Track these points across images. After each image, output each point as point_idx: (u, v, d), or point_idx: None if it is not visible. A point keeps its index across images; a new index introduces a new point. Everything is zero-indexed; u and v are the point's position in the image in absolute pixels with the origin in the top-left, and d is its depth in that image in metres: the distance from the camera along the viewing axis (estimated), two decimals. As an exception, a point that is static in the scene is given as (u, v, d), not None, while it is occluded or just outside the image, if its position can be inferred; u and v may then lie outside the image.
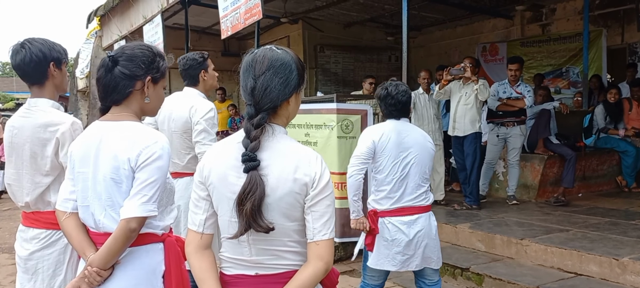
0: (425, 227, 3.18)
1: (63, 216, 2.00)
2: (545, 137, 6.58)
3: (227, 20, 7.41)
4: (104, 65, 1.96)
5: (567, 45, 9.92)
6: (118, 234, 1.86)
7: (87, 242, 1.96)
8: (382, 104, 3.30)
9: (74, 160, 1.99)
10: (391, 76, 3.83)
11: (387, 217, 3.18)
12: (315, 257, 1.64)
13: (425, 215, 3.21)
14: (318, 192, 1.64)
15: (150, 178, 1.88)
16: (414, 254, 3.16)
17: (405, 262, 3.17)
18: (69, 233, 2.00)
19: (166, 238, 2.02)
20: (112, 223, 1.91)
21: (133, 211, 1.85)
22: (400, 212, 3.16)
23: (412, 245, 3.15)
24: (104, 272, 1.89)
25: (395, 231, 3.15)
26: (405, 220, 3.15)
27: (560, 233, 4.96)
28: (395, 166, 3.15)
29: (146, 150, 1.89)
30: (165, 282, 1.99)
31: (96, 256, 1.89)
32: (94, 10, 12.71)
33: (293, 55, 1.73)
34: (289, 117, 1.76)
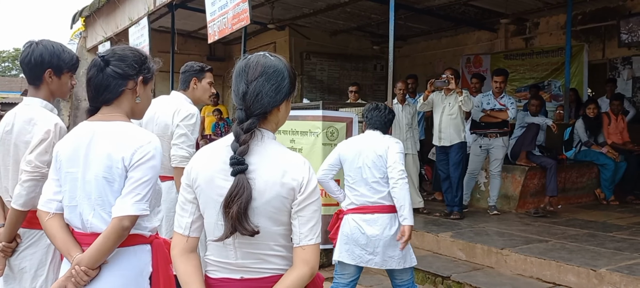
0: (383, 227, 3.41)
1: (46, 216, 1.99)
2: (530, 150, 6.68)
3: (215, 24, 7.41)
4: (95, 65, 1.97)
5: (549, 59, 10.08)
6: (110, 232, 1.86)
7: (72, 242, 1.95)
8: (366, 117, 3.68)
9: (60, 160, 1.99)
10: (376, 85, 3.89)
11: (350, 213, 3.50)
12: (301, 261, 1.66)
13: (385, 215, 3.43)
14: (305, 197, 1.67)
15: (144, 178, 1.89)
16: (373, 251, 3.40)
17: (364, 257, 3.42)
18: (53, 233, 1.98)
19: (154, 240, 2.03)
20: (100, 223, 1.91)
21: (126, 209, 1.85)
22: (361, 209, 3.47)
23: (371, 243, 3.40)
24: (92, 272, 1.89)
25: (355, 227, 3.44)
26: (365, 218, 3.44)
27: (539, 244, 5.04)
28: (354, 170, 3.51)
29: (140, 149, 1.91)
30: (152, 283, 1.99)
31: (85, 255, 1.88)
32: (79, 11, 12.61)
33: (286, 63, 1.75)
34: (278, 123, 1.79)
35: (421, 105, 6.31)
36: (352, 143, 3.67)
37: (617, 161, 7.23)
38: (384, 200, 3.44)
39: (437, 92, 6.13)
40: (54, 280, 2.40)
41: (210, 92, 3.61)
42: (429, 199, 7.48)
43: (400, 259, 3.45)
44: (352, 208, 3.51)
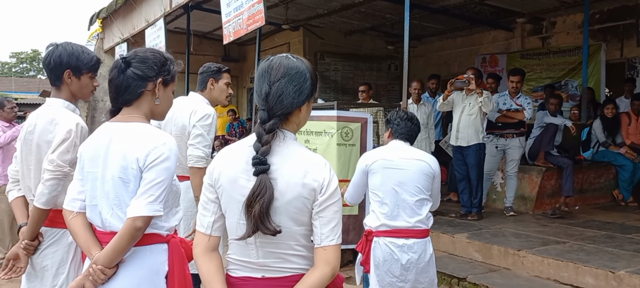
0: (418, 253, 3.10)
1: (70, 215, 2.03)
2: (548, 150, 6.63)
3: (230, 25, 7.45)
4: (116, 66, 2.01)
5: (566, 59, 9.98)
6: (124, 232, 1.89)
7: (93, 240, 1.99)
8: (391, 124, 3.33)
9: (83, 160, 2.03)
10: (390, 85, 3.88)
11: (382, 237, 3.12)
12: (322, 261, 1.67)
13: (421, 240, 3.12)
14: (326, 197, 1.68)
15: (157, 179, 1.91)
16: (404, 279, 3.08)
17: (395, 284, 3.09)
18: (76, 232, 2.02)
19: (170, 240, 2.05)
20: (118, 223, 1.94)
21: (139, 210, 1.88)
22: (394, 233, 3.10)
23: (403, 271, 3.07)
24: (108, 270, 1.92)
25: (389, 253, 3.08)
26: (399, 243, 3.08)
27: (557, 245, 5.00)
28: (386, 186, 3.13)
29: (154, 150, 1.93)
30: (168, 282, 2.01)
31: (101, 254, 1.92)
32: (96, 13, 12.74)
33: (307, 65, 1.77)
34: (299, 124, 1.80)
35: (441, 105, 6.28)
36: (383, 154, 3.24)
37: (635, 162, 7.15)
38: (420, 224, 3.12)
39: (457, 91, 6.09)
40: (75, 277, 2.44)
41: (227, 93, 3.63)
42: (444, 200, 7.45)
43: (429, 285, 3.18)
44: (384, 230, 3.11)
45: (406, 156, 3.19)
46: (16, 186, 2.60)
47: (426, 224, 3.17)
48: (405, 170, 3.14)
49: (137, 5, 10.69)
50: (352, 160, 5.49)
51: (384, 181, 3.14)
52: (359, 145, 5.57)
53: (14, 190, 2.60)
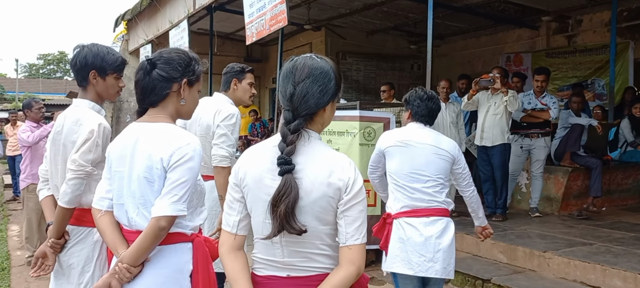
0: (441, 231, 3.07)
1: (98, 214, 2.07)
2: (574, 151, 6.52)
3: (253, 26, 7.50)
4: (142, 68, 2.03)
5: (592, 57, 9.81)
6: (148, 232, 1.91)
7: (120, 239, 2.02)
8: (410, 105, 3.26)
9: (111, 160, 2.06)
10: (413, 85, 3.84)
11: (402, 218, 3.10)
12: (347, 261, 1.67)
13: (442, 218, 3.10)
14: (351, 197, 1.68)
15: (181, 179, 1.93)
16: (432, 258, 3.02)
17: (423, 265, 3.02)
18: (103, 230, 2.06)
19: (195, 239, 2.06)
20: (143, 222, 1.97)
21: (163, 210, 1.90)
22: (414, 213, 3.09)
23: (430, 247, 3.02)
24: (134, 269, 1.94)
25: (411, 230, 3.05)
26: (420, 221, 3.06)
27: (583, 247, 4.92)
28: (405, 167, 3.11)
29: (178, 151, 1.94)
30: (192, 281, 2.03)
31: (127, 253, 1.94)
32: (122, 14, 12.94)
33: (332, 65, 1.77)
34: (324, 124, 1.80)
35: (465, 104, 6.20)
36: (400, 136, 3.20)
37: (665, 162, 7.00)
38: (441, 204, 3.10)
39: (482, 91, 6.03)
40: (100, 276, 2.48)
41: (250, 93, 3.64)
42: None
43: (453, 269, 3.17)
44: (404, 211, 3.10)
45: (424, 140, 3.15)
46: (46, 185, 2.66)
47: (446, 205, 3.14)
48: (422, 155, 3.11)
49: (162, 6, 10.83)
50: (374, 160, 5.48)
51: (401, 166, 3.13)
52: (381, 145, 5.55)
53: (44, 189, 2.66)
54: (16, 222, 8.46)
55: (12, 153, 10.79)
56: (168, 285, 1.99)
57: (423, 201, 3.09)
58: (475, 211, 3.37)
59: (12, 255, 6.20)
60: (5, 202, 10.77)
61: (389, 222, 3.17)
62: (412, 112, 3.24)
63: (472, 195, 3.30)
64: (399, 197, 3.14)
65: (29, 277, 5.26)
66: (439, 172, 3.12)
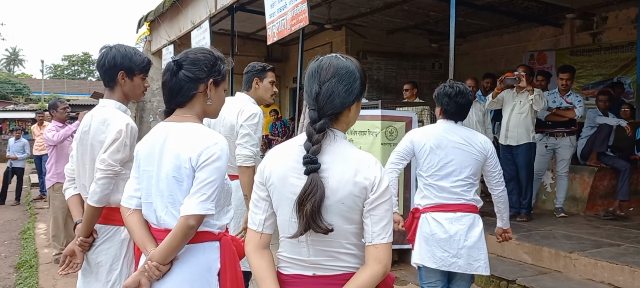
0: (468, 227, 3.08)
1: (127, 212, 2.09)
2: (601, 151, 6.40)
3: (274, 26, 7.52)
4: (169, 69, 2.05)
5: (618, 55, 9.61)
6: (177, 231, 1.92)
7: (149, 237, 2.04)
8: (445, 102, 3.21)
9: (139, 159, 2.08)
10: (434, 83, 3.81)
11: (428, 212, 3.14)
12: (373, 260, 1.67)
13: (470, 215, 3.11)
14: (378, 196, 1.67)
15: (209, 178, 1.94)
16: (456, 254, 3.06)
17: (447, 260, 3.07)
18: (132, 228, 2.08)
19: (222, 237, 2.08)
20: (172, 220, 1.98)
21: (192, 209, 1.91)
22: (441, 208, 3.11)
23: (453, 243, 3.05)
24: (163, 267, 1.96)
25: (435, 225, 3.09)
26: (447, 216, 3.08)
27: (610, 248, 4.83)
28: (435, 166, 3.13)
29: (206, 150, 1.95)
30: (220, 279, 2.04)
31: (156, 251, 1.96)
32: (144, 16, 13.10)
33: (357, 64, 1.77)
34: (349, 123, 1.80)
35: (490, 102, 6.13)
36: (431, 133, 3.21)
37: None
38: (469, 201, 3.12)
39: (508, 89, 5.95)
40: (128, 274, 2.52)
41: (272, 91, 3.65)
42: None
43: (486, 265, 3.14)
44: (431, 206, 3.14)
45: (455, 138, 3.13)
46: (72, 184, 2.69)
47: (475, 202, 3.14)
48: (452, 153, 3.11)
49: (183, 8, 10.93)
50: (396, 160, 5.45)
51: (430, 163, 3.14)
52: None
53: (70, 188, 2.70)
54: (43, 220, 8.63)
55: (39, 152, 11.00)
56: (196, 283, 2.00)
57: (451, 199, 3.11)
58: (501, 212, 3.34)
59: (39, 253, 6.32)
60: (32, 200, 10.99)
61: (417, 216, 3.20)
62: (442, 109, 3.23)
63: (502, 194, 3.26)
64: (426, 193, 3.17)
65: (56, 274, 5.35)
66: (468, 170, 3.12)
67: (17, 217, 9.42)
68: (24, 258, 6.07)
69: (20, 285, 5.10)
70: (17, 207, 10.58)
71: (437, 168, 3.12)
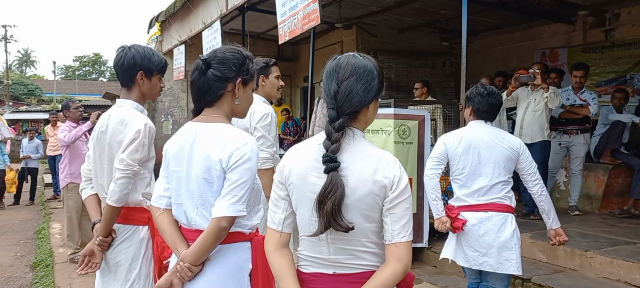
0: (497, 226, 3.12)
1: (157, 212, 2.08)
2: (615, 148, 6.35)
3: (285, 25, 7.53)
4: (197, 68, 2.03)
5: (631, 52, 9.52)
6: (209, 232, 1.92)
7: (179, 237, 2.03)
8: (471, 102, 3.30)
9: (168, 159, 2.07)
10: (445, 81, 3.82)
11: (461, 212, 3.22)
12: (394, 258, 1.67)
13: (502, 214, 3.15)
14: (397, 194, 1.67)
15: (240, 180, 1.93)
16: (486, 253, 3.11)
17: (477, 259, 3.15)
18: (163, 228, 2.08)
19: (253, 238, 2.07)
20: (203, 221, 1.98)
21: (224, 211, 1.91)
22: (473, 207, 3.18)
23: (482, 242, 3.12)
24: (195, 268, 1.96)
25: (467, 224, 3.16)
26: (476, 216, 3.15)
27: (626, 246, 4.79)
28: (467, 166, 3.20)
29: (237, 152, 1.94)
30: (252, 280, 2.04)
31: (188, 252, 1.96)
32: (155, 16, 13.16)
33: (375, 63, 1.77)
34: (367, 122, 1.81)
35: (505, 100, 6.10)
36: (463, 134, 3.28)
37: None
38: (500, 200, 3.17)
39: (523, 87, 5.92)
40: (147, 272, 2.54)
41: (278, 85, 3.63)
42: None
43: (518, 264, 3.16)
44: (463, 206, 3.21)
45: (488, 138, 3.19)
46: (89, 184, 2.71)
47: (507, 201, 3.16)
48: (484, 154, 3.16)
49: (194, 7, 10.97)
50: (409, 158, 5.44)
51: (464, 164, 3.21)
52: (416, 143, 5.51)
53: (87, 188, 2.71)
54: (58, 220, 8.70)
55: (53, 153, 11.10)
56: (228, 283, 2.00)
57: (482, 199, 3.17)
58: (546, 212, 3.28)
59: (54, 252, 6.38)
60: (46, 200, 11.10)
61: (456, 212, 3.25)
62: (473, 109, 3.29)
63: (541, 192, 3.23)
64: (459, 194, 3.25)
65: (72, 273, 5.41)
66: (501, 169, 3.16)
67: (31, 216, 9.52)
68: (40, 257, 6.13)
69: (36, 284, 5.16)
70: (32, 207, 10.69)
71: (469, 169, 3.19)
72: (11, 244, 7.26)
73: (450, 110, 6.29)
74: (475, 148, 3.19)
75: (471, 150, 3.20)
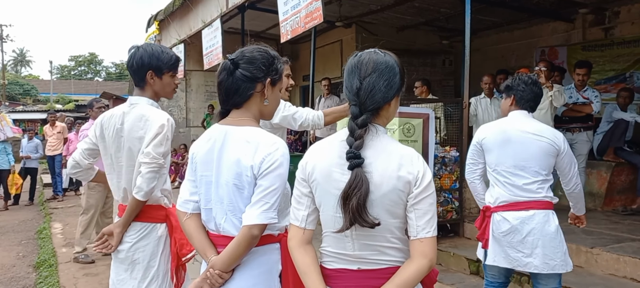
0: (541, 224, 2.99)
1: (184, 217, 2.04)
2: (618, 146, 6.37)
3: (287, 24, 7.53)
4: (225, 68, 1.97)
5: (631, 50, 9.56)
6: (241, 240, 1.89)
7: (208, 243, 1.99)
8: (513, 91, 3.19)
9: (195, 163, 2.02)
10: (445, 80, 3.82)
11: (500, 211, 3.07)
12: (419, 254, 1.67)
13: (542, 211, 3.01)
14: (422, 190, 1.67)
15: (272, 186, 1.89)
16: (530, 254, 2.98)
17: (521, 260, 3.01)
18: (191, 234, 2.03)
19: (282, 239, 2.03)
20: (231, 228, 1.95)
21: (256, 219, 1.87)
22: (513, 206, 3.02)
23: (527, 243, 2.98)
24: (226, 275, 1.93)
25: (507, 225, 3.02)
26: (517, 215, 3.00)
27: (632, 243, 4.81)
28: (502, 162, 3.05)
29: (268, 157, 1.89)
30: (282, 281, 2.02)
31: (219, 259, 1.93)
32: (154, 15, 13.13)
33: (396, 59, 1.77)
34: (388, 118, 1.80)
35: None
36: (501, 127, 3.12)
37: None
38: (543, 197, 3.03)
39: None
40: (165, 270, 2.53)
41: (288, 84, 3.66)
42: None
43: (563, 263, 3.05)
44: (502, 205, 3.06)
45: (526, 131, 3.04)
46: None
47: (548, 199, 3.05)
48: (523, 148, 3.01)
49: (194, 6, 10.95)
50: (414, 156, 5.44)
51: (500, 159, 3.07)
52: (421, 141, 5.51)
53: None
54: (58, 220, 8.68)
55: (52, 153, 11.06)
56: (259, 286, 1.97)
57: (522, 196, 3.01)
58: (573, 203, 3.32)
59: (57, 252, 6.35)
60: (45, 200, 11.05)
61: (488, 215, 3.14)
62: (515, 98, 3.14)
63: (574, 190, 3.18)
64: (498, 190, 3.09)
65: (76, 273, 5.39)
66: (542, 164, 3.01)
67: (31, 217, 9.47)
68: (43, 257, 6.10)
69: (41, 284, 5.13)
70: (31, 207, 10.64)
71: (507, 163, 3.04)
72: (12, 244, 7.23)
73: (453, 108, 6.29)
74: (515, 141, 3.03)
75: (509, 144, 3.03)
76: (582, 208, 3.32)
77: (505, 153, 3.05)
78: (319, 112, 3.45)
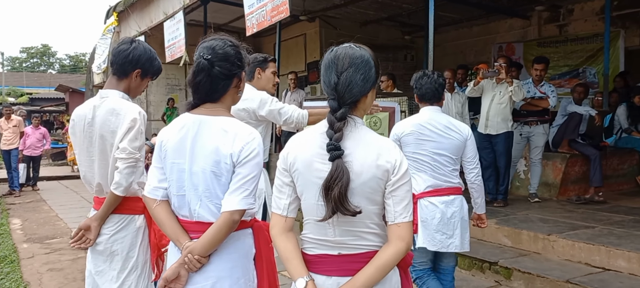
0: (459, 208, 3.32)
1: (154, 204, 2.06)
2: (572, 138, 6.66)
3: (253, 17, 7.53)
4: (203, 69, 1.99)
5: (584, 46, 9.98)
6: (221, 225, 1.94)
7: (180, 229, 2.03)
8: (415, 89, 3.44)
9: (165, 150, 2.05)
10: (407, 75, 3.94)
11: (426, 197, 3.32)
12: (396, 237, 1.75)
13: (459, 196, 3.36)
14: (399, 177, 1.76)
15: (250, 174, 1.96)
16: (452, 235, 3.29)
17: (444, 242, 3.29)
18: (162, 221, 2.06)
19: (254, 223, 2.12)
20: (207, 213, 2.00)
21: (236, 204, 1.93)
22: (437, 192, 3.31)
23: (450, 225, 3.28)
24: (204, 259, 1.98)
25: (433, 209, 3.29)
26: (442, 199, 3.30)
27: (586, 230, 5.06)
28: (421, 153, 3.30)
29: (247, 146, 1.96)
30: (256, 264, 2.09)
31: (198, 244, 1.97)
32: (113, 6, 12.84)
33: (371, 53, 1.85)
34: (365, 109, 1.88)
35: (470, 90, 6.30)
36: (415, 121, 3.35)
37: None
38: (456, 184, 3.36)
39: (488, 79, 6.15)
40: (144, 260, 2.55)
41: (273, 81, 3.70)
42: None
43: (468, 243, 3.44)
44: (428, 191, 3.30)
45: (437, 126, 3.31)
46: None
47: (459, 185, 3.39)
48: (437, 142, 3.29)
49: (155, -2, 10.77)
50: (380, 149, 5.55)
51: (418, 150, 3.31)
52: (387, 134, 5.63)
53: None
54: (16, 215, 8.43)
55: (7, 147, 10.71)
56: (237, 269, 2.03)
57: (444, 181, 3.31)
58: (474, 197, 3.52)
59: (18, 248, 6.18)
60: (1, 196, 10.69)
61: (414, 201, 3.31)
62: (418, 95, 3.42)
63: (477, 180, 3.44)
64: (423, 177, 3.32)
65: (39, 268, 5.28)
66: (455, 154, 3.33)
67: (-15, 213, 9.16)
68: (3, 253, 5.93)
69: (2, 281, 5.00)
70: (-15, 204, 10.27)
71: (430, 150, 3.29)
72: (-33, 242, 6.98)
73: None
74: (429, 133, 3.29)
75: (425, 135, 3.29)
76: (482, 205, 3.54)
77: (423, 146, 3.31)
78: (304, 112, 3.50)
